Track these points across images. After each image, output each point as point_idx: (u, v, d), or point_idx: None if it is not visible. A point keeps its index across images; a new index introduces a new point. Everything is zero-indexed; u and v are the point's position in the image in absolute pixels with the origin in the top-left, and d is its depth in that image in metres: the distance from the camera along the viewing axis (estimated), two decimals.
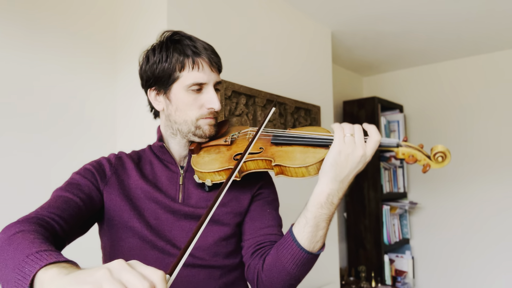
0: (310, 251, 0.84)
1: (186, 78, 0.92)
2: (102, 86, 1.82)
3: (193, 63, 0.92)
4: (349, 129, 0.83)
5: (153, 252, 0.90)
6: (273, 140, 0.92)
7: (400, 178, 3.54)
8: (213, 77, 0.95)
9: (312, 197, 0.84)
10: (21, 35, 1.56)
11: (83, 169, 0.95)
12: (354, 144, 0.81)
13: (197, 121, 0.95)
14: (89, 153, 1.74)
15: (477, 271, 3.21)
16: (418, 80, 3.65)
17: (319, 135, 0.88)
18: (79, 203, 0.87)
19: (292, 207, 1.43)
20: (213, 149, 0.99)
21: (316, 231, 0.83)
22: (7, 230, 0.72)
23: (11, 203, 1.50)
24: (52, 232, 0.79)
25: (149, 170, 0.99)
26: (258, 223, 0.98)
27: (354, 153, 0.81)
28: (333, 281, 2.59)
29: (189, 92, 0.93)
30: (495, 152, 3.20)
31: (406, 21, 2.63)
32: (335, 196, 0.82)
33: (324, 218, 0.83)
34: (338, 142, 0.81)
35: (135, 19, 1.83)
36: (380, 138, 0.83)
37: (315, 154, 0.86)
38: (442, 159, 0.81)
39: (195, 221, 0.93)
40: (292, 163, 0.85)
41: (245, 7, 2.08)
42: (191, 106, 0.94)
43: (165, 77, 0.94)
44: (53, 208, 0.83)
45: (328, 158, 0.82)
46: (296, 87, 2.39)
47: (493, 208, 3.18)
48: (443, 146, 0.81)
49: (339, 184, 0.82)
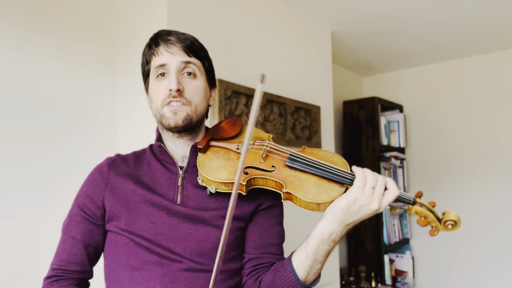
0: (305, 283, 0.86)
1: (151, 67, 0.96)
2: (102, 87, 1.82)
3: (153, 51, 0.95)
4: (371, 181, 0.81)
5: (150, 256, 0.89)
6: (288, 163, 0.88)
7: (400, 178, 3.54)
8: (173, 58, 0.92)
9: (314, 232, 0.84)
10: (21, 36, 1.56)
11: (82, 195, 0.99)
12: (372, 197, 0.80)
13: (162, 108, 0.93)
14: (89, 153, 1.74)
15: (477, 271, 3.21)
16: (418, 80, 3.65)
17: (338, 170, 0.85)
18: (94, 228, 0.97)
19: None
20: (223, 152, 0.94)
21: (315, 265, 0.85)
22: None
23: (11, 204, 1.50)
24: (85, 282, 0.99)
25: (146, 172, 0.98)
26: (263, 240, 0.98)
27: (369, 206, 0.81)
28: (333, 281, 2.59)
29: (156, 80, 0.95)
30: (495, 152, 3.20)
31: (406, 21, 2.63)
32: (337, 236, 0.83)
33: (324, 253, 0.84)
34: (357, 191, 0.80)
35: (136, 20, 1.83)
36: (398, 193, 0.83)
37: (330, 191, 0.83)
38: (452, 226, 0.83)
39: (194, 223, 0.91)
40: (304, 196, 0.82)
41: (245, 7, 2.08)
42: (157, 93, 0.94)
43: (144, 74, 1.00)
44: (77, 256, 0.96)
45: (342, 203, 0.81)
46: (296, 87, 2.39)
47: (493, 208, 3.18)
48: (456, 215, 0.82)
49: (345, 227, 0.83)
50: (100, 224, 0.97)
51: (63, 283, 0.93)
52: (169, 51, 0.93)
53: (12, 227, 1.50)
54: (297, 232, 1.37)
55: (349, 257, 3.36)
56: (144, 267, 0.88)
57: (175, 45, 0.93)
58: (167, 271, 0.88)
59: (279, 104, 2.22)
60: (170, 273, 0.88)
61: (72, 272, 0.95)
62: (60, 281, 0.93)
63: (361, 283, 3.08)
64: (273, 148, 0.93)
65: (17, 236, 1.51)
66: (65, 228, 0.98)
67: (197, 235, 0.90)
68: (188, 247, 0.89)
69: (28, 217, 1.54)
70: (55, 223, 1.47)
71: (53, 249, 1.01)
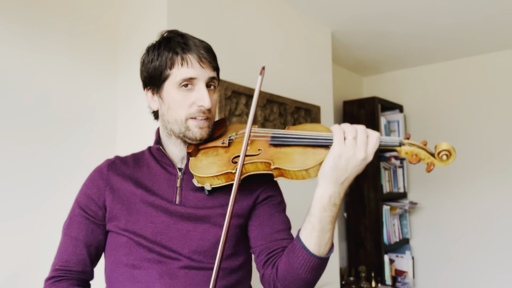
0: (320, 255, 0.83)
1: (176, 75, 0.93)
2: (102, 87, 1.82)
3: (182, 60, 0.92)
4: (350, 132, 0.79)
5: (151, 255, 0.90)
6: (271, 141, 0.90)
7: (400, 178, 3.54)
8: (203, 73, 0.93)
9: (314, 201, 0.83)
10: (21, 35, 1.56)
11: (83, 195, 0.99)
12: (355, 147, 0.79)
13: (186, 121, 0.94)
14: (89, 153, 1.74)
15: (477, 271, 3.21)
16: (418, 80, 3.65)
17: (318, 135, 0.86)
18: (96, 228, 0.98)
19: (297, 206, 1.43)
20: (211, 151, 0.97)
21: (323, 234, 0.83)
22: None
23: (10, 204, 1.50)
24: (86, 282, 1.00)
25: (146, 174, 0.99)
26: (267, 229, 0.97)
27: (355, 157, 0.79)
28: (333, 281, 2.59)
29: (179, 89, 0.93)
30: (495, 152, 3.20)
31: (406, 21, 2.63)
32: (336, 198, 0.81)
33: (329, 220, 0.82)
34: (339, 145, 0.79)
35: (136, 19, 1.83)
36: (379, 135, 0.81)
37: (315, 155, 0.84)
38: (446, 157, 0.78)
39: (192, 221, 0.92)
40: (292, 166, 0.83)
41: (245, 7, 2.08)
42: (181, 104, 0.93)
43: (157, 76, 0.95)
44: (79, 256, 0.97)
45: (328, 162, 0.79)
46: (296, 87, 2.39)
47: (493, 208, 3.18)
48: (448, 144, 0.78)
49: (340, 186, 0.81)
50: (101, 224, 0.97)
51: (64, 284, 0.93)
52: (202, 66, 0.93)
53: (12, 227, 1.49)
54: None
55: (349, 257, 3.36)
56: (144, 266, 0.90)
57: (208, 60, 0.94)
58: (167, 269, 0.89)
59: (279, 104, 2.22)
60: (170, 271, 0.89)
61: (74, 273, 0.95)
62: (61, 281, 0.93)
63: (361, 283, 3.08)
64: (257, 133, 0.96)
65: (17, 237, 1.50)
66: (66, 229, 0.98)
67: (196, 233, 0.92)
68: (187, 245, 0.91)
69: (28, 218, 1.54)
70: (55, 225, 1.47)
71: (52, 250, 1.01)
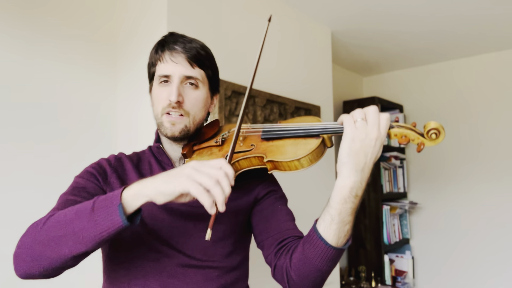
0: (338, 246, 0.81)
1: (156, 71, 0.97)
2: (102, 87, 1.82)
3: (160, 57, 0.95)
4: (358, 114, 0.79)
5: (150, 253, 0.90)
6: (263, 136, 0.91)
7: (400, 178, 3.54)
8: (177, 69, 0.93)
9: (334, 192, 0.80)
10: (21, 36, 1.56)
11: (85, 172, 0.96)
12: (366, 127, 0.78)
13: (161, 116, 0.95)
14: (89, 154, 1.74)
15: (477, 271, 3.21)
16: (418, 80, 3.65)
17: (308, 125, 0.86)
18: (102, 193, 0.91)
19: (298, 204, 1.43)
20: (206, 151, 0.98)
21: (343, 227, 0.80)
22: (38, 222, 0.81)
23: (10, 204, 1.50)
24: None
25: (147, 171, 1.00)
26: (273, 221, 0.97)
27: (369, 137, 0.77)
28: (333, 281, 2.59)
29: (159, 86, 0.96)
30: (495, 152, 3.20)
31: (406, 21, 2.63)
32: (359, 189, 0.78)
33: (349, 212, 0.79)
34: (350, 128, 0.78)
35: (136, 21, 1.83)
36: (389, 115, 0.80)
37: (306, 145, 0.84)
38: (436, 136, 0.77)
39: (192, 219, 0.93)
40: (284, 157, 0.84)
41: (245, 8, 2.08)
42: (158, 99, 0.96)
43: (149, 73, 1.01)
44: None
45: (343, 148, 0.78)
46: (296, 87, 2.39)
47: (493, 208, 3.18)
48: (436, 122, 0.77)
49: (361, 174, 0.78)
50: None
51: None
52: (173, 60, 0.94)
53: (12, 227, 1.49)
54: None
55: (349, 257, 3.36)
56: (142, 263, 0.90)
57: (180, 55, 0.94)
58: (165, 266, 0.89)
59: (279, 104, 2.22)
60: (168, 268, 0.89)
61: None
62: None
63: (361, 283, 3.08)
64: (248, 129, 0.97)
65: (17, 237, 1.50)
66: (66, 193, 0.89)
67: (195, 231, 0.92)
68: (185, 243, 0.91)
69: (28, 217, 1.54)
70: None
71: None
